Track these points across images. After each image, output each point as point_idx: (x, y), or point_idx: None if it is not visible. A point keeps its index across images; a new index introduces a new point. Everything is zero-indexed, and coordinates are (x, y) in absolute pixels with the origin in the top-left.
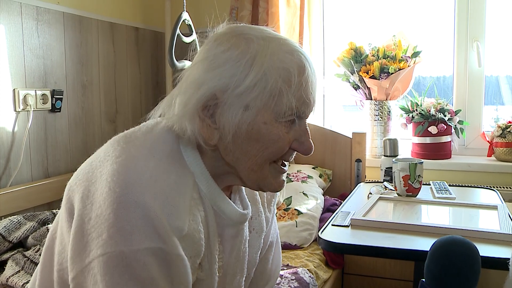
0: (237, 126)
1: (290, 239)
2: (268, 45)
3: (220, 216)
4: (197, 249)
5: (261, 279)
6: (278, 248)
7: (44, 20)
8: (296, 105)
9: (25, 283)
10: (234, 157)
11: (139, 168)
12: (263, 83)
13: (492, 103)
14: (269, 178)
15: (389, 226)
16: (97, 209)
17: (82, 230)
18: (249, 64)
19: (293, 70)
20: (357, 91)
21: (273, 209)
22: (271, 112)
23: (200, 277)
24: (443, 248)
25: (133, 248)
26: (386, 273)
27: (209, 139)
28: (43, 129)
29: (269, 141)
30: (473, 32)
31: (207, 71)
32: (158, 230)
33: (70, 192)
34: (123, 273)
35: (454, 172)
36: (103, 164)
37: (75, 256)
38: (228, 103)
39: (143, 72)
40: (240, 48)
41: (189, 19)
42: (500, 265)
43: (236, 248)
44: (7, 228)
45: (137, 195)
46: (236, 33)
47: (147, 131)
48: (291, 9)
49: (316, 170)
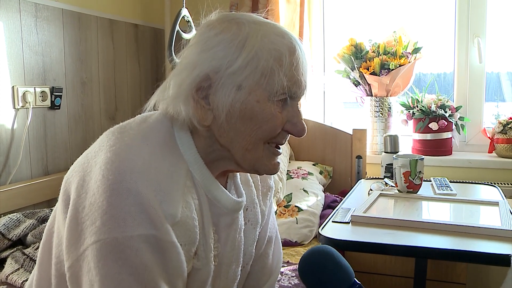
0: (231, 106)
1: (291, 236)
2: (259, 28)
3: (215, 205)
4: (191, 237)
5: (263, 275)
6: (278, 243)
7: (43, 17)
8: (287, 84)
9: (25, 281)
10: (229, 138)
11: (133, 156)
12: (254, 63)
13: (493, 100)
14: (264, 159)
15: (390, 222)
16: (91, 197)
17: (77, 218)
18: (241, 45)
19: (284, 50)
20: (358, 87)
21: (269, 203)
22: (263, 90)
23: (196, 266)
24: (302, 271)
25: (126, 235)
26: (387, 269)
27: (203, 120)
28: (42, 127)
29: (262, 119)
30: (474, 28)
31: (200, 53)
32: (151, 217)
33: (67, 184)
34: (117, 260)
35: (455, 168)
36: (97, 154)
37: (70, 245)
38: (221, 83)
39: (142, 69)
40: (232, 31)
41: (188, 16)
42: (500, 262)
43: (231, 237)
44: (6, 225)
45: (130, 182)
46: (228, 18)
47: (142, 121)
48: (291, 6)
49: (316, 166)
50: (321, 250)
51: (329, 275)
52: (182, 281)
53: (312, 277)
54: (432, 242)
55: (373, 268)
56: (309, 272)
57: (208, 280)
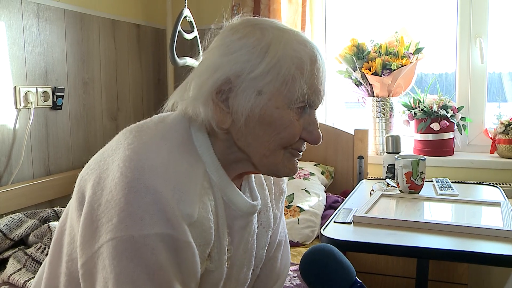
0: (250, 110)
1: (292, 236)
2: (282, 35)
3: (230, 207)
4: (206, 238)
5: (271, 278)
6: (287, 248)
7: (45, 17)
8: (307, 92)
9: (27, 281)
10: (246, 142)
11: (151, 154)
12: (276, 69)
13: (494, 100)
14: (283, 163)
15: (392, 223)
16: (108, 194)
17: (92, 216)
18: (264, 51)
19: (305, 59)
20: (359, 87)
21: (281, 206)
22: (283, 97)
23: (209, 268)
24: (303, 270)
25: (142, 233)
26: (389, 270)
27: (221, 123)
28: (44, 127)
29: (280, 126)
30: (475, 29)
31: (223, 56)
32: (168, 216)
33: (82, 182)
34: (132, 258)
35: (457, 169)
36: (115, 152)
37: (84, 242)
38: (242, 87)
39: (144, 69)
40: (255, 36)
41: (190, 16)
42: (503, 262)
43: (244, 240)
44: (8, 225)
45: (149, 180)
46: (251, 23)
47: (159, 121)
48: (293, 6)
49: (318, 167)
50: (323, 249)
51: (330, 273)
52: (195, 282)
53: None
54: (434, 243)
55: (375, 268)
56: (310, 270)
57: (220, 283)
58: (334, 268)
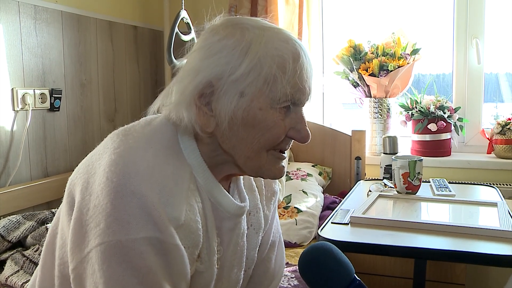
0: (233, 113)
1: (290, 237)
2: (263, 33)
3: (218, 209)
4: (194, 240)
5: (265, 279)
6: (281, 248)
7: (42, 19)
8: (290, 91)
9: (24, 283)
10: (231, 144)
11: (137, 158)
12: (257, 70)
13: (491, 101)
14: (267, 165)
15: (389, 223)
16: (95, 199)
17: (81, 221)
18: (244, 51)
19: (287, 57)
20: (357, 88)
21: (273, 207)
22: (266, 98)
23: (199, 269)
24: (302, 268)
25: (130, 237)
26: (386, 270)
27: (205, 126)
28: (42, 129)
29: (265, 127)
30: (472, 29)
31: (203, 59)
32: (155, 220)
33: (72, 186)
34: (121, 262)
35: (454, 169)
36: (102, 156)
37: (74, 247)
38: (224, 90)
39: (142, 71)
40: (235, 36)
41: (187, 17)
42: (500, 262)
43: (234, 241)
44: (6, 227)
45: (134, 185)
46: (231, 23)
47: (146, 124)
48: (290, 7)
49: (315, 168)
50: (321, 247)
51: (329, 271)
52: (185, 283)
53: (312, 274)
54: (431, 243)
55: (373, 269)
56: (309, 268)
57: (211, 283)
58: (332, 266)
